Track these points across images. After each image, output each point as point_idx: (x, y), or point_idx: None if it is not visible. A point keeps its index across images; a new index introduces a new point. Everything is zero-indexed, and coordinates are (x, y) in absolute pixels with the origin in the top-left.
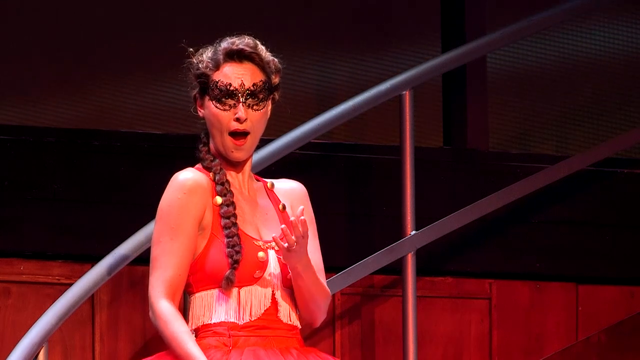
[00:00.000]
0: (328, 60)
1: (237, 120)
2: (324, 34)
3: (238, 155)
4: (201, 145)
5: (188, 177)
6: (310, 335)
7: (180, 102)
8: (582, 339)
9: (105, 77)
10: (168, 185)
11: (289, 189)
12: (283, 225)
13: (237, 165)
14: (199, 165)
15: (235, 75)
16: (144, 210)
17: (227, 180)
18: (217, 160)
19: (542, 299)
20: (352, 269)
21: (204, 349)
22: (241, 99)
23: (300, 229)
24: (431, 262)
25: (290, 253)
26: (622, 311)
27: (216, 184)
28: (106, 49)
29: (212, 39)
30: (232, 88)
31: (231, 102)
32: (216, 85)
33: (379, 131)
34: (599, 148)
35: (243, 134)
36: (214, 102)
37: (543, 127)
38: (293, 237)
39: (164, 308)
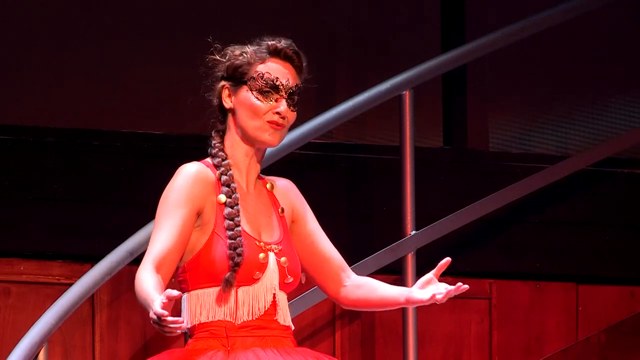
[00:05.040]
0: (328, 60)
1: (278, 114)
2: (324, 34)
3: (273, 137)
4: (217, 141)
5: (194, 168)
6: (311, 335)
7: (180, 102)
8: (582, 339)
9: (105, 77)
10: (174, 175)
11: (283, 189)
12: (449, 287)
13: (249, 160)
14: (206, 160)
15: (281, 72)
16: (144, 210)
17: (234, 182)
18: (228, 161)
19: (542, 299)
20: (352, 269)
21: (203, 350)
22: (285, 96)
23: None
24: (431, 262)
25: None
26: (622, 311)
27: (222, 184)
28: (106, 49)
29: (207, 40)
30: (278, 83)
31: (274, 96)
32: (262, 77)
33: (379, 131)
34: (599, 148)
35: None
36: (255, 92)
37: (543, 127)
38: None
39: (142, 273)
